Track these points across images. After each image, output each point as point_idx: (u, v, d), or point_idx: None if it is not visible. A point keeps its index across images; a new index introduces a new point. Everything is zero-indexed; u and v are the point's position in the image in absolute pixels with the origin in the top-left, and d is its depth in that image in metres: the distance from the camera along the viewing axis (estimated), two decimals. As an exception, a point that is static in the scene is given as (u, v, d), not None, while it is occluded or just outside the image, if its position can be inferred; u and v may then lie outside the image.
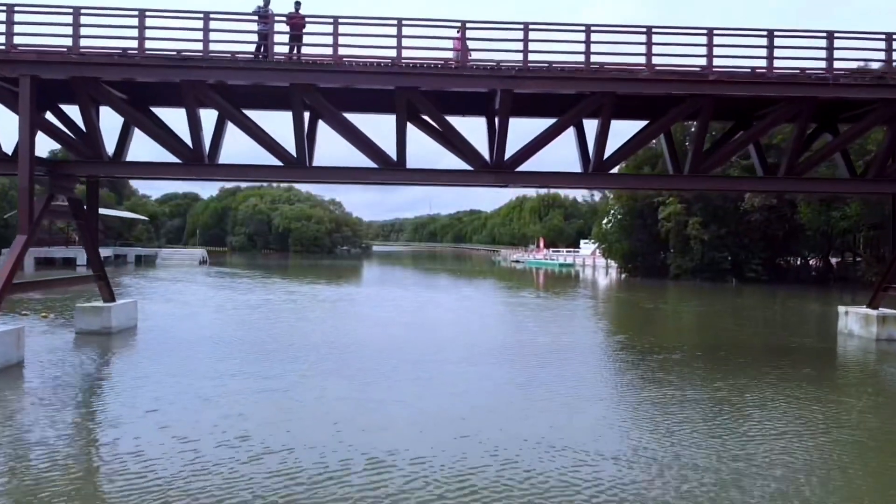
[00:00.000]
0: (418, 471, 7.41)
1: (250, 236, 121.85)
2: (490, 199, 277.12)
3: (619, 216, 53.43)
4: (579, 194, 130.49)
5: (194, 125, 15.11)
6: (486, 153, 16.43)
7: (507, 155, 15.97)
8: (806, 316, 27.52)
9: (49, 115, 16.74)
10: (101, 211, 66.69)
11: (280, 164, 15.68)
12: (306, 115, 16.26)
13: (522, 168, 16.01)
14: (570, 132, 17.05)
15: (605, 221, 57.35)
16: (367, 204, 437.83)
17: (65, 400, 10.35)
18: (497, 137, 15.84)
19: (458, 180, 16.20)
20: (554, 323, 22.26)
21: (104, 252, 61.31)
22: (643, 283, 45.19)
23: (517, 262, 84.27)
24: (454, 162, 16.63)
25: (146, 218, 78.09)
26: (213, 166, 15.72)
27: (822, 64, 15.33)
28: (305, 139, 15.72)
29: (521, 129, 17.41)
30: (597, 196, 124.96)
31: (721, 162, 16.80)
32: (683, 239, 46.84)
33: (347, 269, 60.33)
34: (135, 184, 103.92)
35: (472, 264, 79.53)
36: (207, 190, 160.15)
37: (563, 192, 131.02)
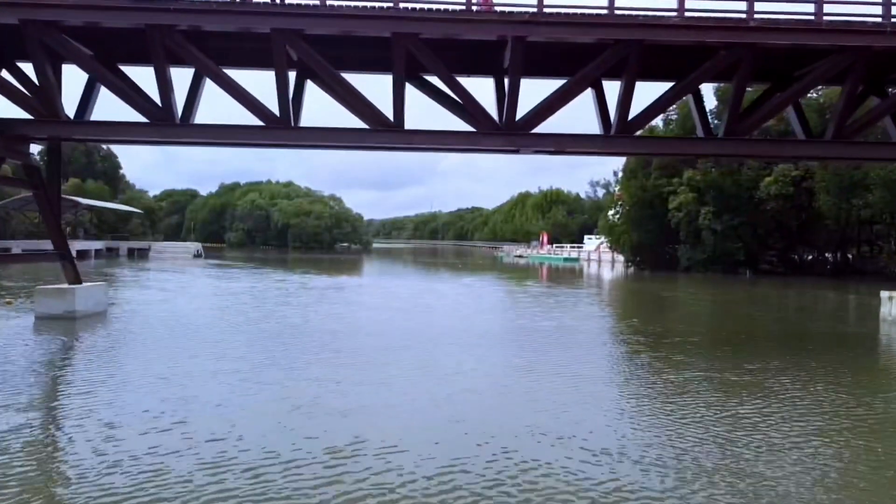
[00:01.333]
0: (385, 463, 5.77)
1: (249, 232, 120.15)
2: (492, 196, 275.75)
3: (626, 207, 51.57)
4: (582, 190, 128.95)
5: (163, 80, 13.30)
6: (494, 117, 14.61)
7: (519, 116, 14.15)
8: (837, 304, 25.72)
9: (6, 75, 14.99)
10: (94, 203, 65.33)
11: (262, 124, 13.87)
12: (292, 75, 14.54)
13: (536, 131, 14.19)
14: (588, 95, 15.24)
15: (611, 213, 55.51)
16: (368, 202, 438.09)
17: (-10, 385, 8.55)
18: (507, 97, 14.01)
19: (463, 143, 14.36)
20: (558, 308, 20.47)
21: (96, 245, 59.86)
22: (652, 276, 43.36)
23: (520, 257, 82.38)
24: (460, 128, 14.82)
25: (140, 211, 76.26)
26: (185, 126, 13.91)
27: (878, 10, 13.53)
28: (291, 97, 13.92)
29: (535, 95, 15.58)
30: (600, 192, 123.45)
31: (758, 124, 14.99)
32: (695, 230, 45.00)
33: (344, 263, 58.52)
34: (131, 178, 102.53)
35: (473, 259, 77.74)
36: (205, 186, 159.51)
37: (571, 186, 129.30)
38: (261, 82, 14.99)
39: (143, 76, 15.57)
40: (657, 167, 48.13)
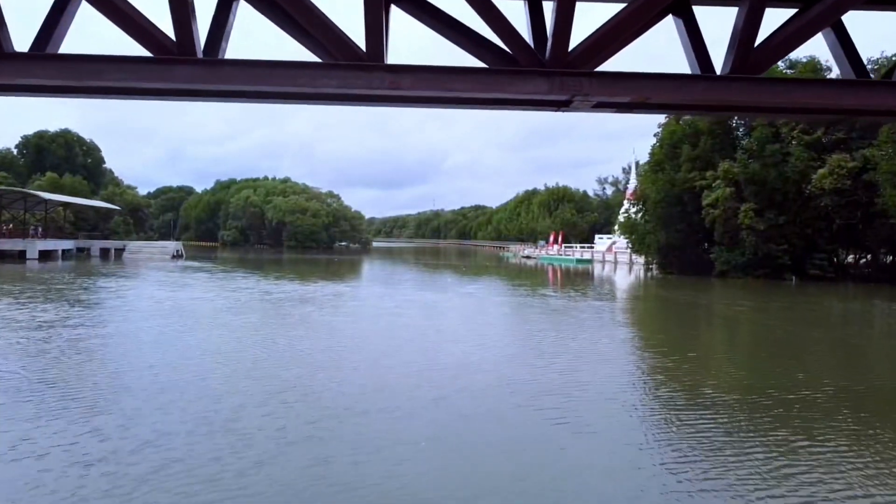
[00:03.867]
0: None
1: (243, 230, 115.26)
2: (495, 194, 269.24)
3: (651, 204, 45.96)
4: (590, 188, 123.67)
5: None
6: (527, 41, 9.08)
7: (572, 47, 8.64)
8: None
9: None
10: (62, 199, 59.94)
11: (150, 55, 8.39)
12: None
13: (601, 69, 8.68)
14: (669, 25, 9.77)
15: (634, 210, 50.01)
16: (371, 200, 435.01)
17: None
18: (555, 17, 8.47)
19: (482, 88, 8.70)
20: (583, 334, 15.09)
21: (65, 245, 54.54)
22: (682, 281, 37.81)
23: (528, 257, 77.07)
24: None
25: (118, 208, 70.94)
26: (11, 60, 8.44)
27: None
28: (209, 23, 8.46)
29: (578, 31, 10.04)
30: (609, 190, 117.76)
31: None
32: (732, 229, 39.49)
33: (335, 264, 53.10)
34: (131, 176, 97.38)
35: (478, 260, 72.32)
36: (208, 185, 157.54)
37: (574, 185, 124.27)
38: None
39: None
40: (688, 158, 42.66)
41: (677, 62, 9.78)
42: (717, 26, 9.76)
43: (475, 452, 6.74)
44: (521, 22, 9.37)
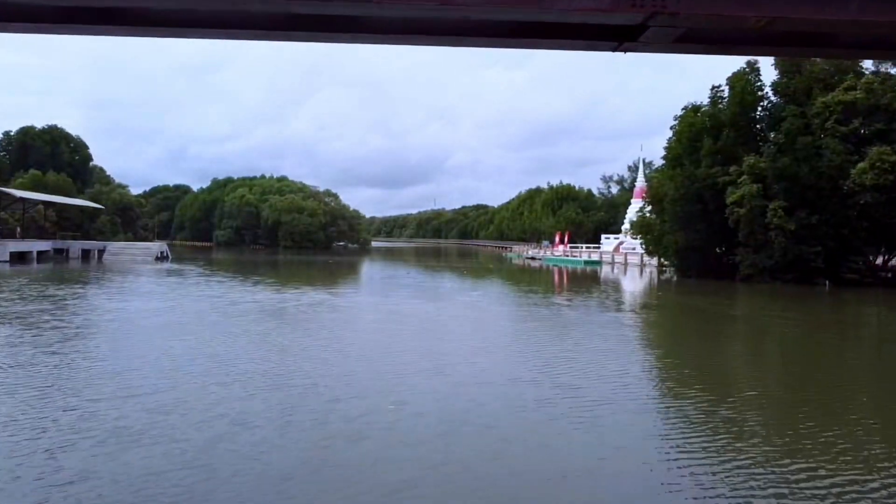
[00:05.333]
0: None
1: (238, 230, 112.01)
2: (497, 194, 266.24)
3: (666, 202, 42.49)
4: (595, 186, 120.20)
5: None
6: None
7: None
8: None
9: None
10: (41, 197, 56.75)
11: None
12: None
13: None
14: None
15: (648, 209, 46.58)
16: (373, 200, 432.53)
17: None
18: None
19: (506, 3, 5.45)
20: (609, 367, 11.68)
21: (41, 246, 51.31)
22: (704, 286, 34.42)
23: (532, 258, 73.80)
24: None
25: (101, 206, 67.65)
26: None
27: None
28: None
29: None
30: (614, 188, 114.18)
31: None
32: (759, 229, 36.04)
33: (328, 267, 49.75)
34: (111, 172, 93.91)
35: (479, 262, 68.99)
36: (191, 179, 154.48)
37: (577, 184, 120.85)
38: None
39: None
40: (708, 152, 39.24)
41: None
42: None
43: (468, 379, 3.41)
44: None
